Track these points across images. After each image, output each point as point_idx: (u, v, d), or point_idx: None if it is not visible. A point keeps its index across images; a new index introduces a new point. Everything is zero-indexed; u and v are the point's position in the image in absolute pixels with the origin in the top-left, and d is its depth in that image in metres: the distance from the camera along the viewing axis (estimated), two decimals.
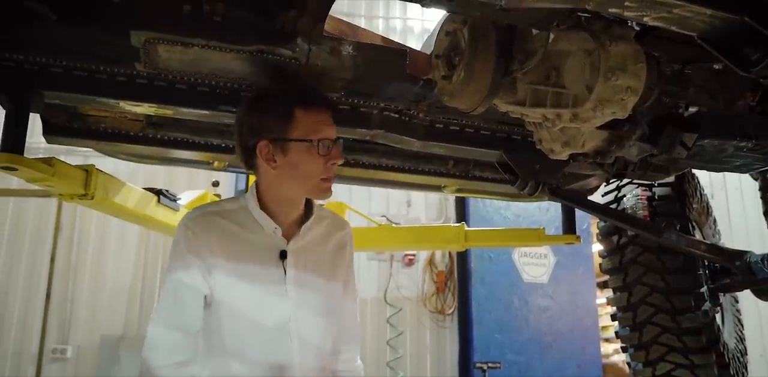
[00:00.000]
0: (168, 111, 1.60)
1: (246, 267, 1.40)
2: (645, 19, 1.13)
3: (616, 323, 2.51)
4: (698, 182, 2.81)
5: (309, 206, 1.51)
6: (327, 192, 1.43)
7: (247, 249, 1.41)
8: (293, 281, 1.43)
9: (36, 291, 4.55)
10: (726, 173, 6.22)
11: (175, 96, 1.56)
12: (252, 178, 3.00)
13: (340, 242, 1.57)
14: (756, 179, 2.57)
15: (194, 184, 4.01)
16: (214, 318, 1.41)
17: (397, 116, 1.81)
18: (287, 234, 1.45)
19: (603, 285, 5.69)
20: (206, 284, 1.39)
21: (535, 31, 1.36)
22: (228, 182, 3.18)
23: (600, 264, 2.59)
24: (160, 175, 4.53)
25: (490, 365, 4.53)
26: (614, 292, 2.49)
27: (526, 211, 5.08)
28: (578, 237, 2.54)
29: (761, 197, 2.55)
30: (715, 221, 3.04)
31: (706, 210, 2.94)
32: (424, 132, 1.88)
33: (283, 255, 1.43)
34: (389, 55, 1.58)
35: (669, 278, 2.29)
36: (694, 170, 2.72)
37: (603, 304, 5.91)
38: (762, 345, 5.77)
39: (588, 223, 4.92)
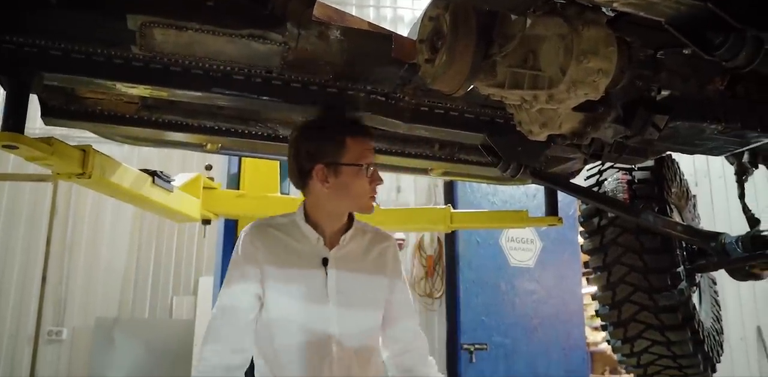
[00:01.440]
0: (163, 93, 1.66)
1: (292, 271, 1.59)
2: (615, 4, 1.20)
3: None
4: (678, 167, 2.90)
5: (351, 220, 1.69)
6: (371, 209, 1.64)
7: (293, 257, 1.60)
8: (334, 284, 1.59)
9: (32, 274, 4.62)
10: (710, 162, 6.35)
11: (170, 78, 1.62)
12: (246, 162, 3.08)
13: (382, 251, 1.72)
14: (732, 164, 2.65)
15: (187, 168, 4.06)
16: (264, 316, 1.60)
17: (383, 99, 1.87)
18: (330, 244, 1.64)
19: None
20: (260, 288, 1.58)
21: (513, 17, 1.43)
22: (221, 166, 3.23)
23: (581, 247, 2.68)
24: (154, 159, 4.60)
25: (476, 346, 4.65)
26: (594, 272, 2.58)
27: (512, 197, 5.16)
28: (560, 219, 2.63)
29: (737, 181, 2.62)
30: (695, 205, 3.13)
31: (686, 195, 3.03)
32: (409, 115, 1.94)
33: (324, 262, 1.61)
34: (375, 40, 1.64)
35: (647, 258, 2.38)
36: (675, 157, 2.80)
37: (591, 293, 6.05)
38: (742, 329, 5.92)
39: (574, 209, 5.01)
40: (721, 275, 3.20)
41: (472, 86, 1.52)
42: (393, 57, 1.65)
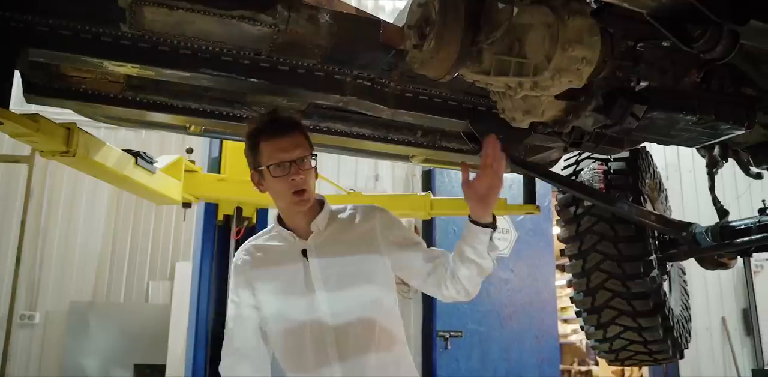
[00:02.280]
0: (150, 72, 1.66)
1: (277, 273, 1.66)
2: None
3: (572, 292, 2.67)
4: (652, 159, 2.98)
5: (322, 204, 1.71)
6: (300, 204, 1.61)
7: (277, 260, 1.67)
8: (318, 271, 1.63)
9: (5, 257, 4.55)
10: (681, 156, 6.49)
11: (158, 58, 1.62)
12: (227, 147, 3.08)
13: (367, 224, 1.71)
14: (704, 156, 2.73)
15: (165, 152, 4.02)
16: (264, 322, 1.66)
17: (369, 84, 1.90)
18: (305, 236, 1.67)
19: (563, 268, 5.90)
20: (253, 295, 1.66)
21: (500, 5, 1.46)
22: (202, 150, 3.22)
23: (558, 235, 2.74)
24: (132, 143, 4.54)
25: (452, 334, 4.72)
26: (570, 259, 2.64)
27: None
28: (537, 207, 2.69)
29: (708, 173, 2.70)
30: (666, 197, 3.22)
31: (659, 186, 3.11)
32: (394, 100, 1.97)
33: (304, 253, 1.64)
34: (364, 25, 1.66)
35: (621, 246, 2.45)
36: (649, 150, 2.88)
37: (563, 286, 6.15)
38: (708, 319, 6.11)
39: (549, 200, 5.10)
40: (689, 267, 3.31)
41: (457, 73, 1.55)
42: (381, 42, 1.67)
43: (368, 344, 1.62)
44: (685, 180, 6.33)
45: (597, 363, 9.71)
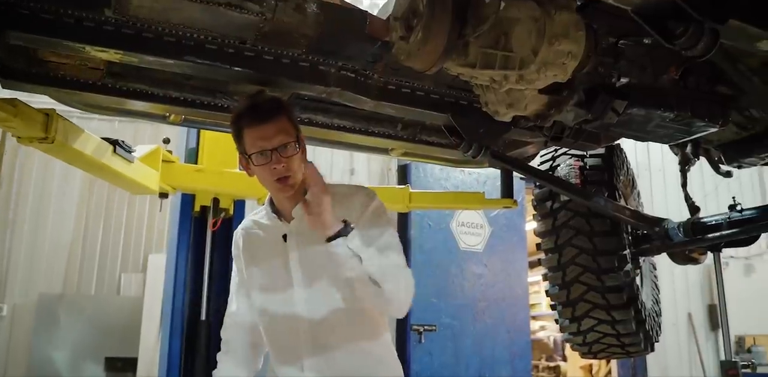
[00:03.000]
0: (133, 59, 1.63)
1: (259, 255, 1.72)
2: None
3: (544, 300, 2.71)
4: (626, 156, 3.04)
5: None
6: (283, 190, 1.61)
7: (261, 239, 1.73)
8: (296, 256, 1.65)
9: None
10: (650, 155, 6.63)
11: (142, 44, 1.60)
12: (205, 137, 3.04)
13: (347, 205, 1.65)
14: (677, 154, 2.79)
15: (139, 142, 3.97)
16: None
17: (353, 75, 1.89)
18: (290, 220, 1.69)
19: (536, 264, 5.98)
20: (243, 269, 1.76)
21: None
22: (178, 140, 3.18)
23: (534, 229, 2.78)
24: (105, 133, 4.44)
25: (426, 327, 4.76)
26: (546, 254, 2.69)
27: (464, 182, 5.27)
28: (515, 201, 2.72)
29: (680, 170, 2.76)
30: (639, 194, 3.29)
31: (632, 183, 3.18)
32: (377, 92, 1.97)
33: (284, 238, 1.67)
34: (351, 16, 1.66)
35: (596, 241, 2.50)
36: (622, 147, 2.94)
37: (531, 283, 6.24)
38: (675, 315, 6.26)
39: (522, 196, 5.15)
40: (657, 264, 3.39)
41: (442, 66, 1.56)
42: (367, 33, 1.67)
43: (335, 316, 1.61)
44: (654, 179, 6.46)
45: (564, 359, 9.91)
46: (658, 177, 6.56)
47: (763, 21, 1.40)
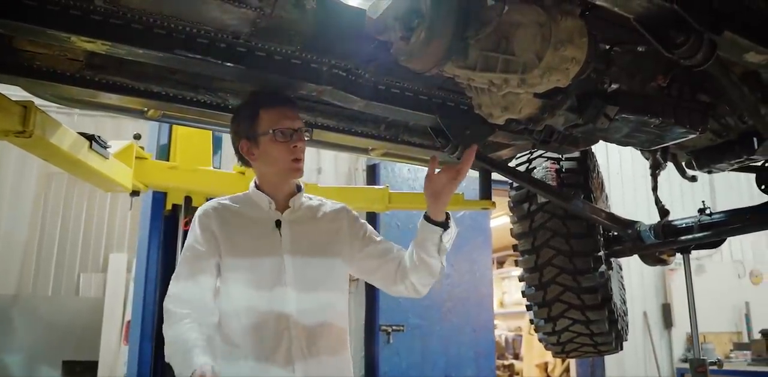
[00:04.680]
0: (121, 51, 1.57)
1: (246, 237, 1.68)
2: None
3: (495, 298, 2.74)
4: (596, 159, 3.10)
5: (299, 188, 1.81)
6: (297, 172, 1.72)
7: (247, 223, 1.70)
8: (289, 244, 1.67)
9: None
10: (609, 159, 6.80)
11: (131, 36, 1.53)
12: (178, 133, 2.96)
13: (335, 217, 1.81)
14: (647, 158, 2.86)
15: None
16: (223, 280, 1.66)
17: (344, 74, 1.87)
18: (282, 209, 1.74)
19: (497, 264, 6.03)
20: (218, 252, 1.66)
21: (491, 1, 1.47)
22: (149, 136, 3.08)
23: (510, 229, 2.80)
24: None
25: (394, 328, 4.77)
26: (522, 255, 2.72)
27: None
28: (493, 203, 2.74)
29: (651, 175, 2.83)
30: (607, 196, 3.36)
31: (601, 186, 3.25)
32: (367, 92, 1.95)
33: (278, 224, 1.70)
34: (350, 14, 1.63)
35: (573, 243, 2.54)
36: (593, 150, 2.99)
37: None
38: (631, 313, 6.41)
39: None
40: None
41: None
42: (365, 32, 1.65)
43: (320, 306, 1.67)
44: (612, 183, 6.62)
45: (516, 357, 10.12)
46: (616, 180, 6.72)
47: (752, 34, 1.45)
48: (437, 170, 1.76)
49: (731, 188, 7.00)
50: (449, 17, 1.43)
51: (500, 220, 7.19)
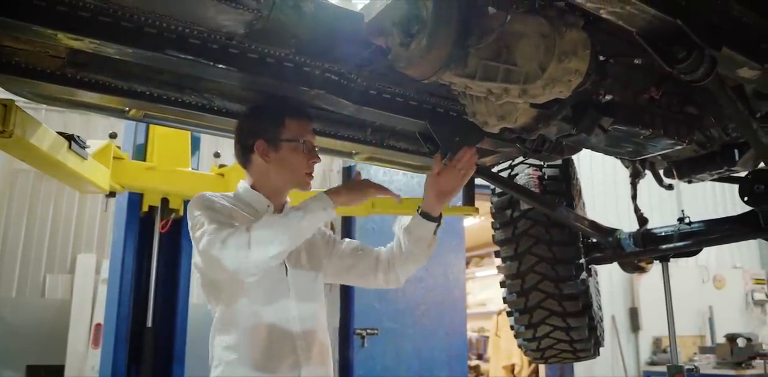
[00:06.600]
0: (110, 49, 1.51)
1: None
2: (601, 11, 1.28)
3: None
4: (575, 167, 3.13)
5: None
6: (308, 185, 1.77)
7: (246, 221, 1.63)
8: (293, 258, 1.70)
9: None
10: (580, 166, 6.89)
11: (120, 34, 1.48)
12: (155, 134, 2.88)
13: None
14: (627, 167, 2.90)
15: None
16: (231, 290, 1.62)
17: (337, 78, 1.84)
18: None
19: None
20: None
21: (493, 11, 1.46)
22: (125, 135, 2.99)
23: (492, 236, 2.80)
24: None
25: (368, 331, 4.75)
26: (504, 261, 2.72)
27: (407, 186, 5.28)
28: (476, 209, 2.74)
29: (630, 183, 2.88)
30: (584, 204, 3.40)
31: (579, 193, 3.28)
32: (359, 97, 1.92)
33: None
34: (348, 18, 1.60)
35: (556, 250, 2.55)
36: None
37: None
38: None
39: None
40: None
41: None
42: (362, 37, 1.62)
43: (323, 345, 1.70)
44: (596, 191, 6.70)
45: (479, 358, 10.22)
46: (586, 185, 6.80)
47: (746, 50, 1.47)
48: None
49: (697, 198, 7.17)
50: (451, 25, 1.41)
51: (467, 221, 7.22)
